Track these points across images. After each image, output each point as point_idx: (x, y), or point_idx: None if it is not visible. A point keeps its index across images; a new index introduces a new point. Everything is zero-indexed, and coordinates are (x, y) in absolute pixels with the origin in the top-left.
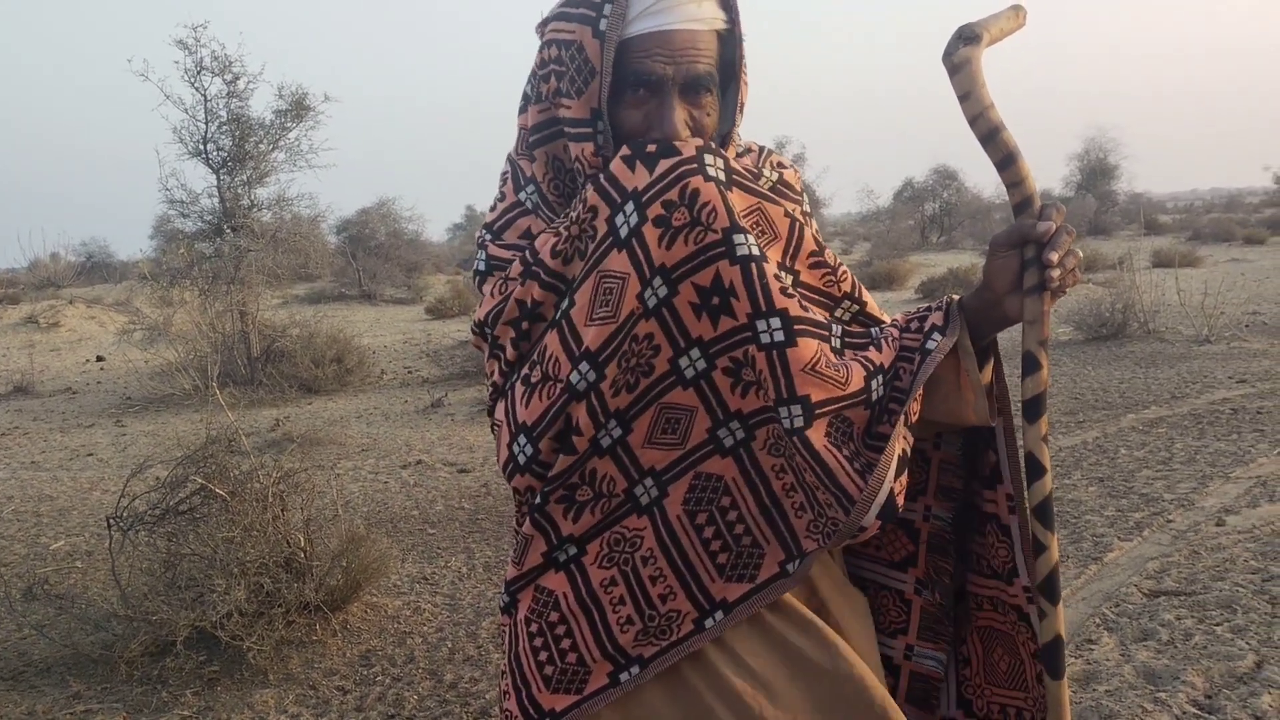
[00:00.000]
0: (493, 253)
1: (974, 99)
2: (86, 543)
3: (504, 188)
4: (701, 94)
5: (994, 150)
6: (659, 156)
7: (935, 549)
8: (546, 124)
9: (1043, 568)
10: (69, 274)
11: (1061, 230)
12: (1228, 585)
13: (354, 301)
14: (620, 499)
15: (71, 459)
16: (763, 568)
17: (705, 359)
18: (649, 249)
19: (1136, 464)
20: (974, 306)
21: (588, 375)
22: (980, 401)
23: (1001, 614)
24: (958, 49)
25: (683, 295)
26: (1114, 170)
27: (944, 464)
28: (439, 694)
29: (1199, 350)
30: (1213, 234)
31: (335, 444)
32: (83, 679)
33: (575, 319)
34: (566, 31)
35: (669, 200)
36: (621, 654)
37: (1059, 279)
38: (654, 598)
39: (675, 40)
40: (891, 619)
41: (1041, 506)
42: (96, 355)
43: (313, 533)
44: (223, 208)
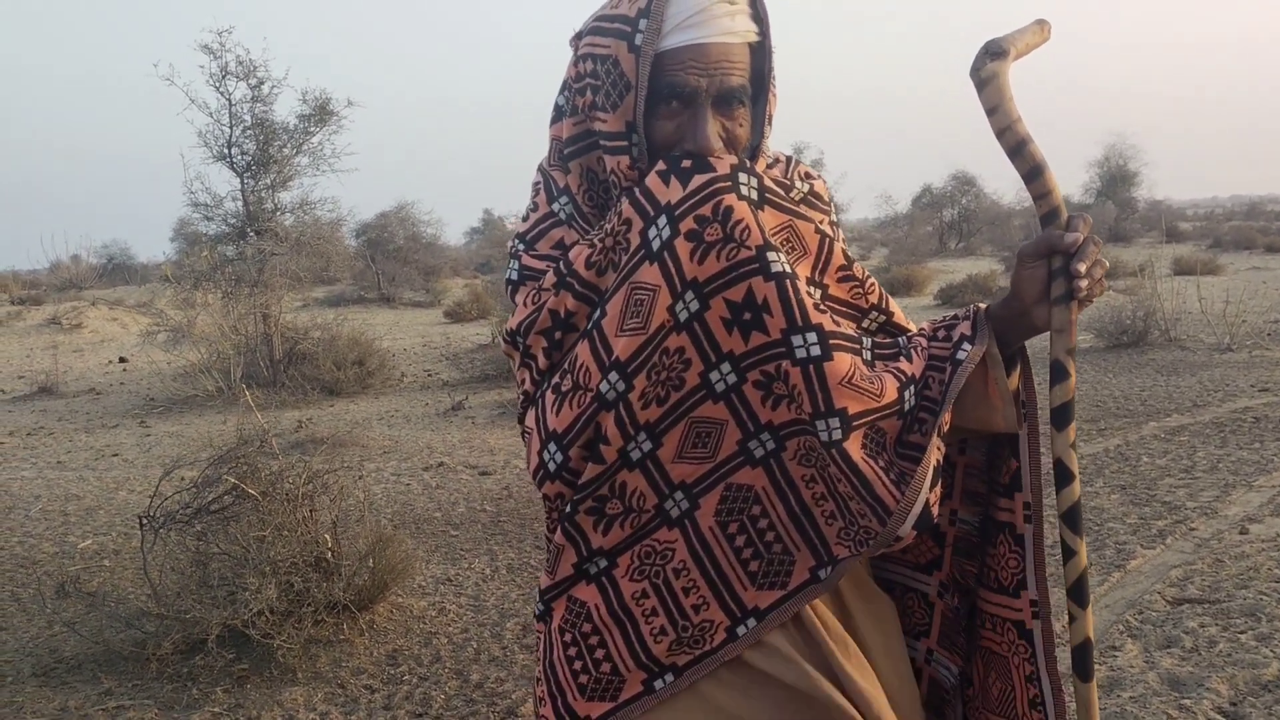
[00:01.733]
0: (526, 263)
1: (1001, 112)
2: (114, 542)
3: (537, 198)
4: (734, 106)
5: (1021, 162)
6: (693, 172)
7: (961, 553)
8: (581, 136)
9: (1071, 572)
10: (90, 276)
11: (1088, 240)
12: (1251, 593)
13: (373, 304)
14: (650, 514)
15: (97, 459)
16: (794, 574)
17: (736, 373)
18: (680, 263)
19: (1159, 472)
20: (1002, 315)
21: (616, 385)
22: (1008, 409)
23: (999, 634)
24: (985, 64)
25: (714, 310)
26: (1134, 177)
27: (969, 469)
28: (466, 693)
29: (1220, 358)
30: (1234, 241)
31: (358, 446)
32: (114, 676)
33: (606, 329)
34: (602, 46)
35: (702, 215)
36: (655, 663)
37: (1086, 288)
38: (687, 608)
39: (709, 53)
40: (915, 620)
41: (1070, 512)
42: (119, 356)
43: (340, 533)
44: (246, 211)
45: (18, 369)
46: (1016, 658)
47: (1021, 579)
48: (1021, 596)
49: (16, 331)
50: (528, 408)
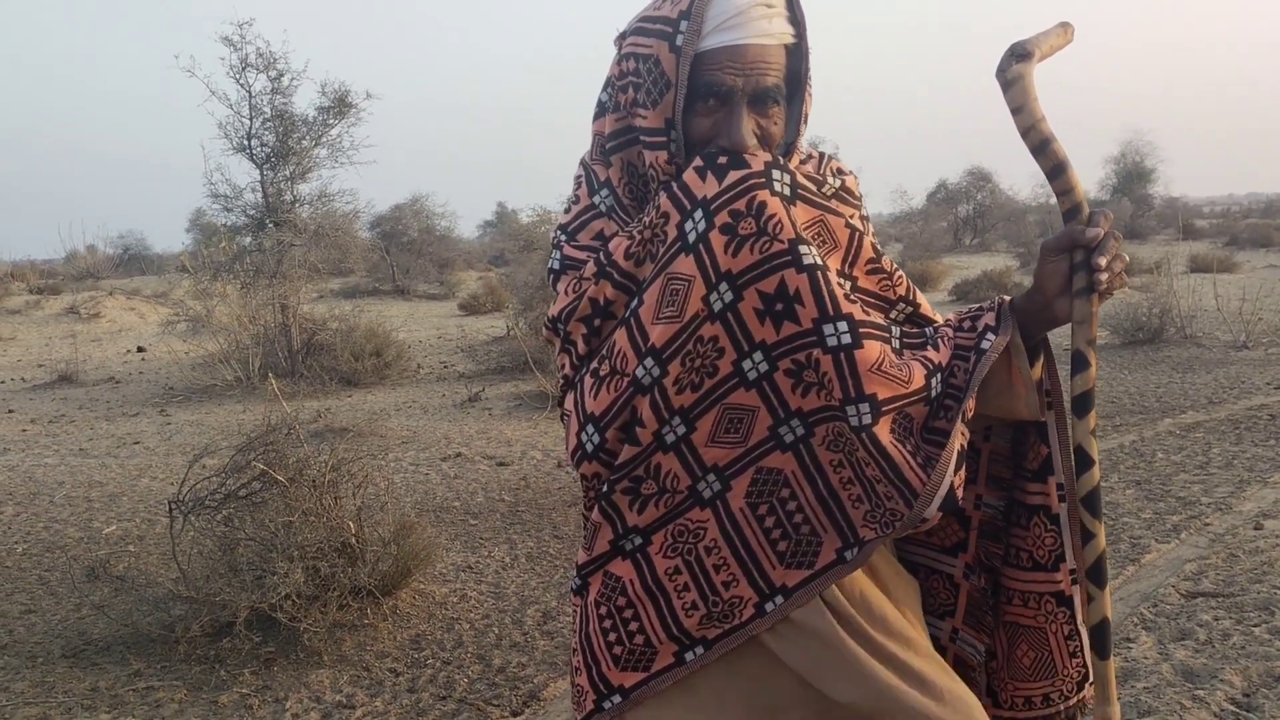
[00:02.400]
0: (567, 253)
1: (1026, 112)
2: (138, 527)
3: (578, 190)
4: (769, 105)
5: (1045, 160)
6: (729, 168)
7: (986, 535)
8: (623, 131)
9: (1090, 554)
10: (106, 266)
11: (1109, 236)
12: (1265, 588)
13: (387, 296)
14: (684, 495)
15: (119, 446)
16: (821, 555)
17: (768, 361)
18: (715, 255)
19: (1174, 468)
20: (1025, 308)
21: (652, 370)
22: (1031, 397)
23: (1033, 608)
24: (1011, 65)
25: (747, 301)
26: (1150, 174)
27: (994, 455)
28: (488, 677)
29: (1236, 356)
30: (1250, 239)
31: (377, 436)
32: (142, 657)
33: (643, 317)
34: (645, 46)
35: (736, 210)
36: (687, 636)
37: (1106, 281)
38: (718, 584)
39: (746, 54)
40: (941, 601)
41: (1090, 496)
42: (137, 346)
43: (364, 520)
44: (266, 202)
45: (37, 357)
46: (1054, 624)
47: (1059, 554)
48: (1061, 569)
49: (35, 320)
50: (567, 391)
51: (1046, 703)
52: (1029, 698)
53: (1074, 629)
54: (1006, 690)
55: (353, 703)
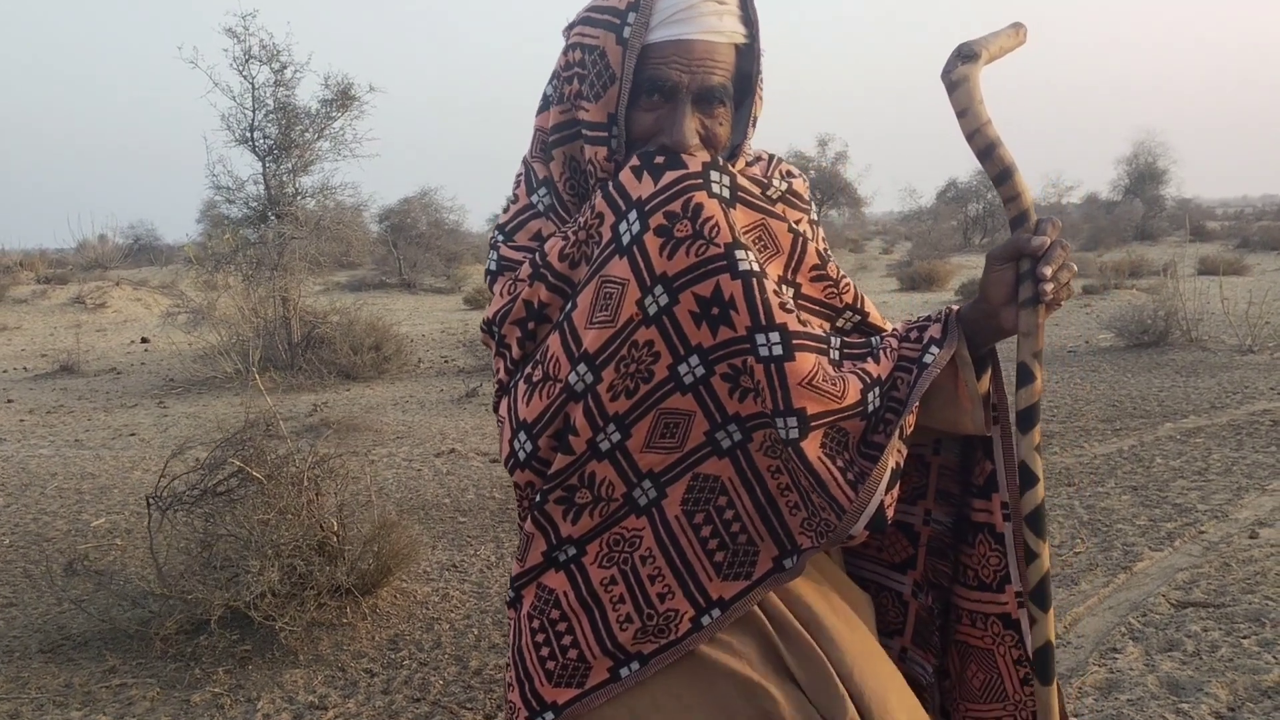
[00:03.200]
0: (504, 253)
1: (971, 115)
2: (126, 520)
3: (517, 189)
4: (714, 105)
5: (991, 165)
6: (665, 168)
7: (934, 552)
8: (567, 125)
9: (1034, 575)
10: (116, 256)
11: (1056, 244)
12: (1257, 598)
13: (394, 290)
14: (619, 502)
15: (114, 438)
16: (758, 564)
17: (704, 365)
18: (650, 257)
19: (1172, 474)
20: (971, 318)
21: (585, 377)
22: (976, 411)
23: (980, 629)
24: (956, 66)
25: (683, 304)
26: (1163, 175)
27: (943, 469)
28: (464, 680)
29: (1241, 360)
30: (1262, 242)
31: (371, 430)
32: (118, 654)
33: (576, 321)
34: (591, 36)
35: (671, 212)
36: (621, 651)
37: (1052, 292)
38: (653, 596)
39: (694, 50)
40: (890, 619)
41: (1034, 515)
42: (141, 337)
43: (345, 517)
44: (268, 194)
45: (41, 347)
46: (1002, 646)
47: (1005, 574)
48: (1006, 590)
49: (41, 310)
50: (501, 397)
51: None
52: (980, 719)
53: (1024, 655)
54: (959, 711)
55: (325, 704)
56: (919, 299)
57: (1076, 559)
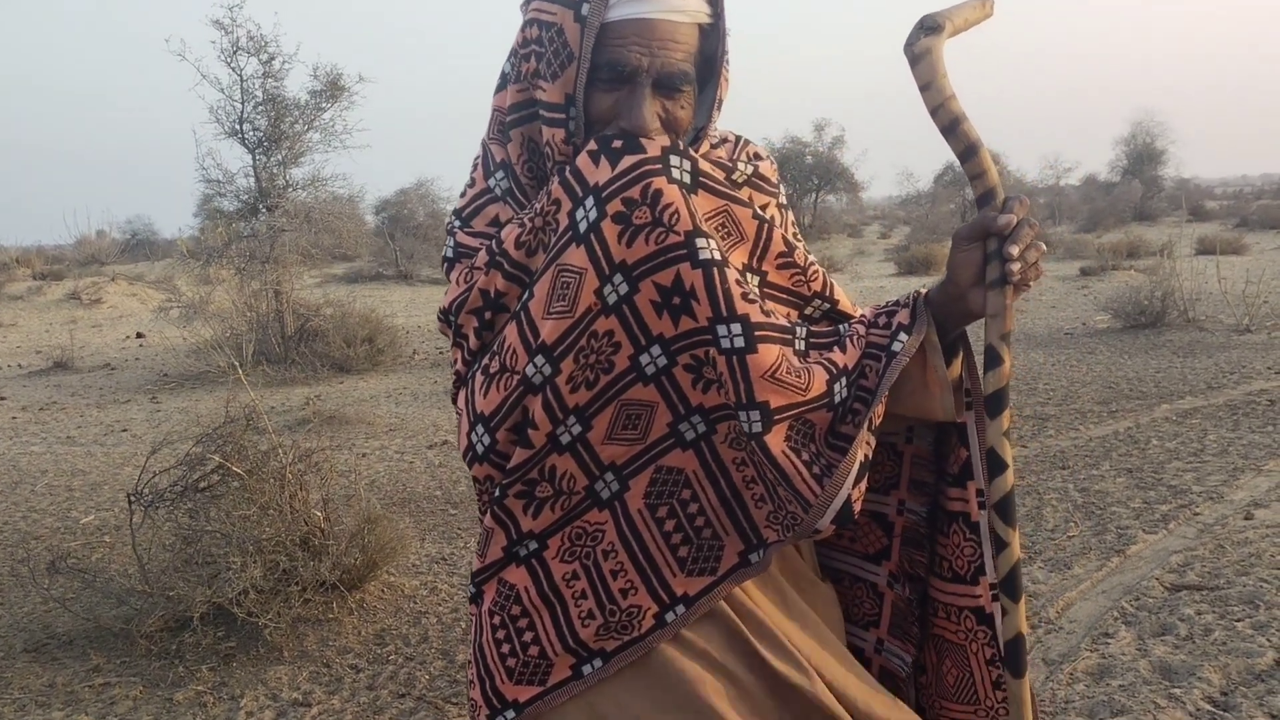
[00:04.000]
0: (461, 240)
1: (935, 89)
2: (115, 517)
3: (474, 173)
4: (676, 87)
5: (956, 142)
6: (623, 153)
7: (909, 543)
8: (524, 105)
9: (1004, 565)
10: (113, 251)
11: (1024, 223)
12: (1252, 580)
13: (390, 281)
14: (580, 495)
15: (106, 434)
16: (723, 559)
17: (666, 356)
18: (608, 245)
19: (1167, 455)
20: (939, 300)
21: (543, 369)
22: (947, 397)
23: (955, 622)
24: (919, 39)
25: (644, 293)
26: (1161, 155)
27: (916, 458)
28: (450, 674)
29: (1238, 340)
30: (1260, 221)
31: (364, 423)
32: (103, 652)
33: (533, 311)
34: (548, 13)
35: (629, 198)
36: (583, 648)
37: (1020, 272)
38: (615, 592)
39: (654, 30)
40: (865, 611)
41: (1003, 503)
42: (136, 332)
43: (331, 512)
44: (258, 187)
45: (36, 344)
46: (975, 643)
47: (979, 566)
48: (980, 583)
49: (37, 306)
50: (459, 388)
51: None
52: (955, 718)
53: (997, 654)
54: (934, 708)
55: (309, 700)
56: (917, 283)
57: (1070, 542)
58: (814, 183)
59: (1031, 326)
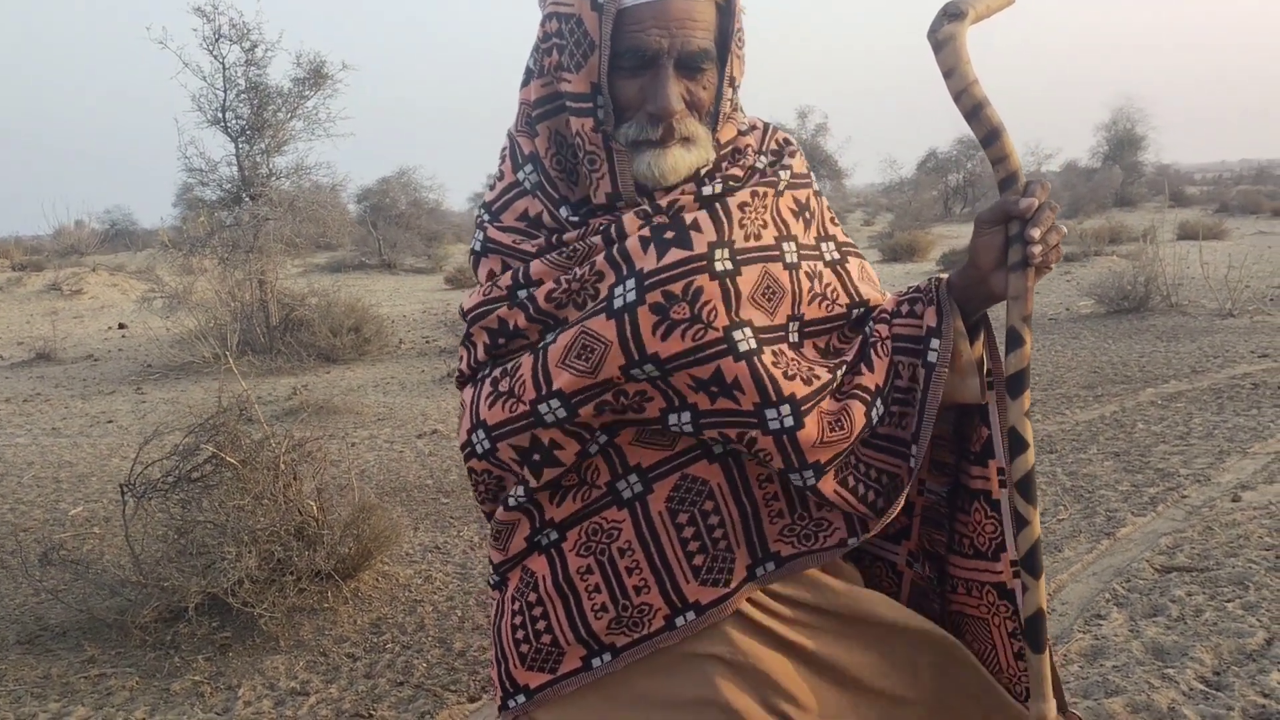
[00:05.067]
0: (491, 235)
1: (958, 75)
2: (104, 509)
3: (503, 165)
4: (699, 68)
5: (978, 126)
6: (672, 245)
7: (929, 522)
8: (549, 98)
9: (1024, 542)
10: (93, 241)
11: (1044, 206)
12: (1240, 561)
13: (374, 270)
14: (602, 490)
15: (92, 425)
16: (734, 572)
17: (694, 424)
18: (641, 333)
19: (1154, 439)
20: (961, 284)
21: (557, 411)
22: (974, 382)
23: (976, 597)
24: (942, 25)
25: (679, 379)
26: (1141, 141)
27: (937, 440)
28: (448, 662)
29: (1221, 324)
30: (1240, 206)
31: (352, 413)
32: (97, 643)
33: (550, 358)
34: (566, 5)
35: (670, 292)
36: (595, 639)
37: (1041, 254)
38: (629, 588)
39: (671, 11)
40: (885, 589)
41: (1024, 481)
42: (119, 323)
43: (325, 501)
44: (241, 176)
45: (17, 335)
46: (997, 617)
47: (1000, 542)
48: (1001, 559)
49: (17, 298)
50: (465, 384)
51: None
52: None
53: (1019, 626)
54: None
55: (307, 689)
56: (900, 270)
57: (1060, 526)
58: None
59: None
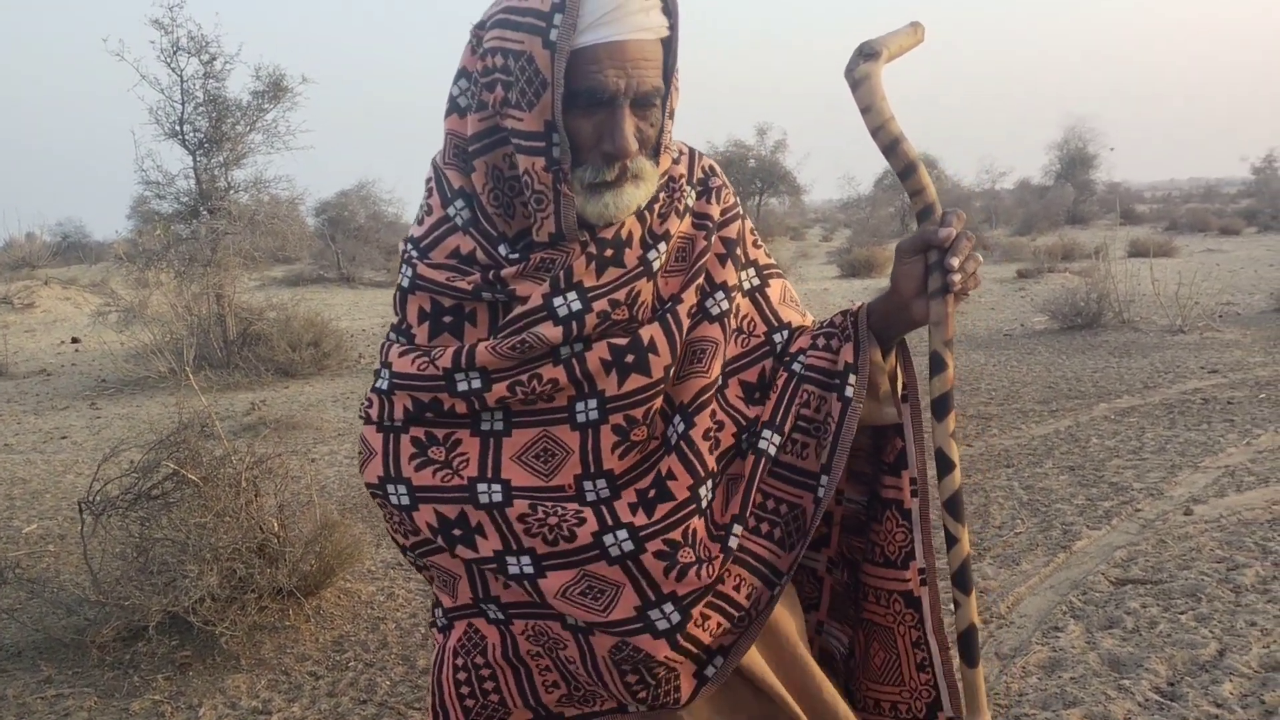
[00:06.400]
0: (421, 271)
1: (875, 112)
2: (59, 526)
3: (430, 199)
4: (650, 106)
5: (896, 160)
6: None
7: (849, 530)
8: (489, 133)
9: (955, 559)
10: (44, 254)
11: (962, 235)
12: (1193, 574)
13: (332, 284)
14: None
15: (45, 441)
16: (682, 690)
17: (633, 541)
18: (601, 450)
19: (1107, 453)
20: (883, 310)
21: (494, 496)
22: (890, 408)
23: (884, 606)
24: (858, 64)
25: (623, 498)
26: (1093, 159)
27: (856, 452)
28: (411, 679)
29: (1172, 340)
30: (1189, 224)
31: (312, 428)
32: (54, 663)
33: (505, 449)
34: (514, 41)
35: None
36: (544, 708)
37: (960, 282)
38: (579, 680)
39: (627, 52)
40: (806, 594)
41: (952, 500)
42: (72, 337)
43: (286, 518)
44: (199, 189)
45: None
46: (902, 626)
47: (910, 551)
48: (910, 567)
49: None
50: (372, 425)
51: (894, 712)
52: (878, 700)
53: (922, 636)
54: (861, 689)
55: (269, 708)
56: (859, 285)
57: (1018, 539)
58: (757, 186)
59: (972, 328)
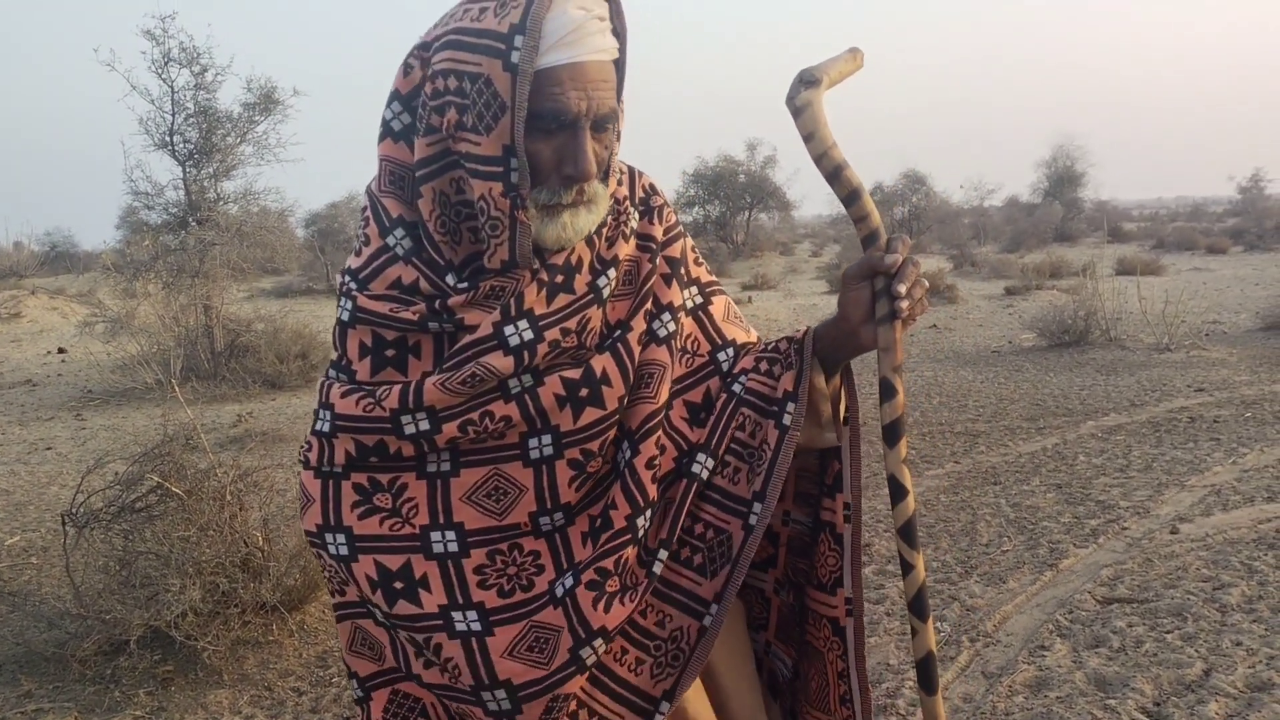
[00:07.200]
0: (362, 304)
1: (817, 139)
2: (42, 538)
3: (367, 229)
4: (607, 128)
5: (840, 187)
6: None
7: (794, 551)
8: (439, 157)
9: (910, 587)
10: (32, 264)
11: (908, 262)
12: (1179, 593)
13: (321, 296)
14: (467, 693)
15: (29, 452)
16: None
17: (574, 576)
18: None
19: (1094, 471)
20: (830, 336)
21: (449, 544)
22: (831, 434)
23: (818, 630)
24: (799, 92)
25: (577, 525)
26: (1081, 178)
27: (802, 473)
28: None
29: (1159, 358)
30: (1176, 242)
31: (298, 441)
32: (34, 677)
33: (454, 490)
34: (469, 63)
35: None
36: None
37: (907, 308)
38: None
39: (587, 73)
40: (755, 615)
41: (905, 527)
42: (58, 347)
43: (271, 532)
44: (188, 200)
45: None
46: (831, 654)
47: (839, 577)
48: (838, 594)
49: None
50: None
51: None
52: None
53: (846, 669)
54: (801, 713)
55: None
56: None
57: (1004, 557)
58: (747, 201)
59: (960, 345)
